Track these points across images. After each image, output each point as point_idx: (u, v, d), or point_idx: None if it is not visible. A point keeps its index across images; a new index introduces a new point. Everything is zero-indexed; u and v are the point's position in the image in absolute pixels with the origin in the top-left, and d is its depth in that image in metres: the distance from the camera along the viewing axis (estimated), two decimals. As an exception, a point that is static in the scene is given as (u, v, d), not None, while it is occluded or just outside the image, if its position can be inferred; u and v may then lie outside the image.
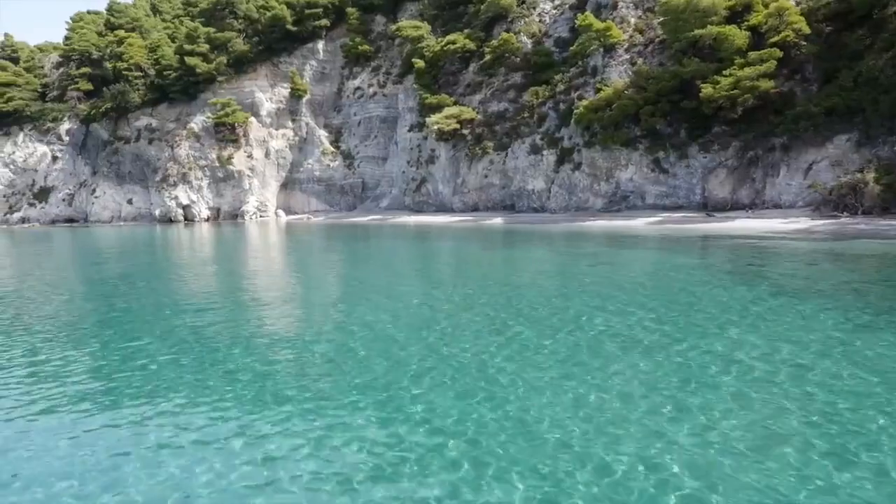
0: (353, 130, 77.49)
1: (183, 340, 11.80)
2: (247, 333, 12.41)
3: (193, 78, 79.49)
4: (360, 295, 17.30)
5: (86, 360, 10.88)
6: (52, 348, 11.78)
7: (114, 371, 10.19)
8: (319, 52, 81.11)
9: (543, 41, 59.91)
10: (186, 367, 10.20)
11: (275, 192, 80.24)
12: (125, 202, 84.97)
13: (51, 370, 10.36)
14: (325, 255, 31.12)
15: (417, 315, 14.08)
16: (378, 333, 12.10)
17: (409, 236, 40.34)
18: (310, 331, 12.86)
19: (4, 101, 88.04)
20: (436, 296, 16.56)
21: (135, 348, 11.42)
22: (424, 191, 63.68)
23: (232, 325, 13.36)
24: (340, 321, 13.69)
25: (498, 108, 58.38)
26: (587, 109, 45.41)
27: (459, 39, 63.28)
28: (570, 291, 16.57)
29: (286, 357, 10.73)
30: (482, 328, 12.20)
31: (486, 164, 56.66)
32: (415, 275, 22.12)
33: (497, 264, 24.29)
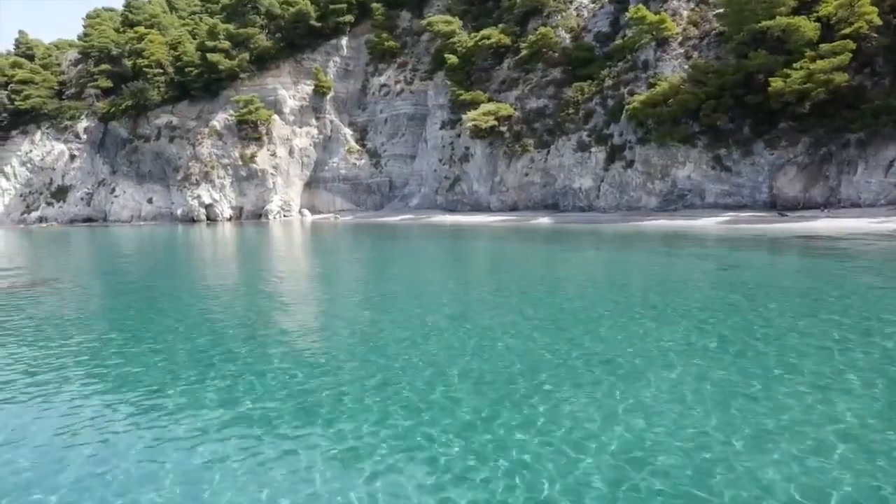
0: (379, 128, 74.82)
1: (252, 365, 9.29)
2: (328, 362, 9.86)
3: (215, 75, 76.79)
4: (455, 316, 14.55)
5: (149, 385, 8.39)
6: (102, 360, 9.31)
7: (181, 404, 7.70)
8: (343, 49, 78.43)
9: (583, 36, 57.37)
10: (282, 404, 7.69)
11: (299, 192, 77.59)
12: (145, 201, 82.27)
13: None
14: (371, 259, 28.42)
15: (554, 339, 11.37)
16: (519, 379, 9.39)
17: (454, 236, 37.73)
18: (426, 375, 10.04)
19: (22, 99, 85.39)
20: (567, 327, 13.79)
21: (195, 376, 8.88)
22: (458, 189, 61.08)
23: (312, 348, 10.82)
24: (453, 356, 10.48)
25: (537, 105, 55.81)
26: (643, 104, 42.83)
27: (494, 34, 60.68)
28: (769, 312, 13.77)
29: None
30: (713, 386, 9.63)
31: (525, 162, 54.09)
32: (501, 283, 19.28)
33: (601, 271, 21.61)
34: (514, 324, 12.10)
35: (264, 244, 40.27)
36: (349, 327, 12.61)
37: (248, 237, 47.85)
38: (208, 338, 11.80)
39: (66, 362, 10.23)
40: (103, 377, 9.48)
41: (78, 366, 10.08)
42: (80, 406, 8.19)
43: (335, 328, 12.80)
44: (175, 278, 22.69)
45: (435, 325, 12.24)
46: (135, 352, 10.86)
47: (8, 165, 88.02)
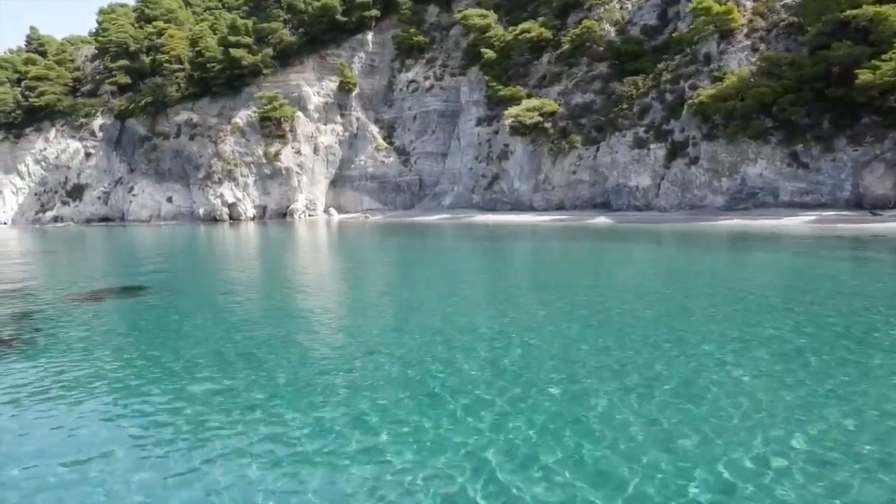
0: (407, 125, 71.78)
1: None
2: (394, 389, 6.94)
3: (238, 70, 73.50)
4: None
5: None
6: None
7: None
8: (368, 45, 75.31)
9: (628, 29, 54.56)
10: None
11: (324, 190, 74.47)
12: (164, 200, 78.90)
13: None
14: (430, 263, 25.39)
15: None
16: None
17: (508, 237, 34.72)
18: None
19: (36, 96, 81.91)
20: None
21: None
22: (497, 188, 58.17)
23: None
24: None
25: (583, 100, 52.97)
26: (711, 98, 40.02)
27: (534, 28, 57.76)
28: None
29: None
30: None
31: (573, 160, 51.24)
32: (603, 294, 16.25)
33: (741, 276, 18.49)
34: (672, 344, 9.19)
35: (307, 247, 37.17)
36: (467, 343, 9.72)
37: (284, 238, 44.74)
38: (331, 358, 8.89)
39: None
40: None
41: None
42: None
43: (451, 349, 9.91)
44: (250, 289, 19.69)
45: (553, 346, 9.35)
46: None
47: (22, 164, 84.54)
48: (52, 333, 12.36)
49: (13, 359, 10.60)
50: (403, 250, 31.73)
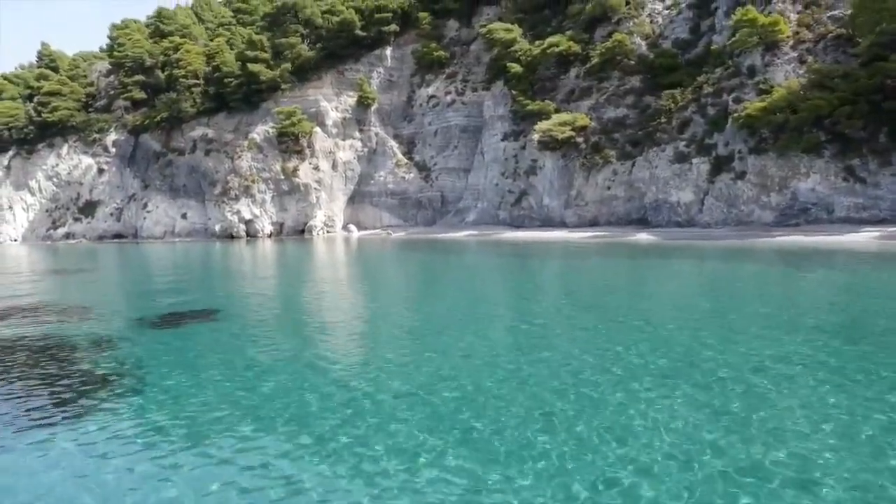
0: (428, 141, 70.17)
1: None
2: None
3: (256, 86, 72.01)
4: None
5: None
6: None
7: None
8: (387, 59, 73.95)
9: (660, 43, 53.25)
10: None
11: (342, 206, 72.64)
12: (179, 217, 76.98)
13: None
14: (471, 282, 23.47)
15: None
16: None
17: (545, 254, 32.82)
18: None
19: (49, 112, 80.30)
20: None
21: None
22: (525, 204, 56.44)
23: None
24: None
25: (615, 115, 51.46)
26: (760, 111, 38.45)
27: (562, 42, 56.37)
28: None
29: None
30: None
31: (607, 175, 49.59)
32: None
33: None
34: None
35: (347, 266, 35.20)
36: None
37: (312, 256, 42.76)
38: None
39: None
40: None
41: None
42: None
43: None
44: (321, 310, 17.71)
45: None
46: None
47: (33, 180, 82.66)
48: (155, 366, 10.41)
49: (131, 398, 8.71)
50: (441, 269, 29.80)
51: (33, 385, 9.85)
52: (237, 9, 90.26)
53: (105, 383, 9.81)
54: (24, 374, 10.47)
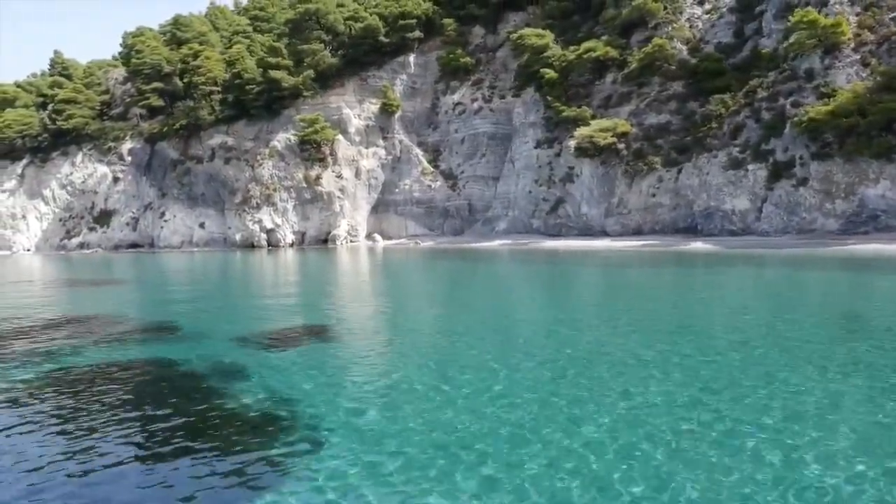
0: (454, 148, 68.12)
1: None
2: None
3: (277, 93, 69.94)
4: None
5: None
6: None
7: None
8: (410, 66, 72.06)
9: (701, 47, 51.44)
10: None
11: (365, 216, 70.39)
12: (197, 226, 74.59)
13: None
14: (534, 296, 21.23)
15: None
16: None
17: (596, 265, 30.65)
18: None
19: (64, 119, 77.96)
20: None
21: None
22: (562, 212, 54.33)
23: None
24: None
25: (658, 121, 49.53)
26: (826, 115, 36.47)
27: (599, 47, 54.52)
28: None
29: None
30: None
31: (652, 182, 47.57)
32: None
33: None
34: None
35: (398, 277, 32.93)
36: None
37: (351, 266, 40.50)
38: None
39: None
40: None
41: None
42: None
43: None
44: (428, 322, 15.43)
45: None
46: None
47: (47, 189, 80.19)
48: (314, 400, 8.12)
49: (323, 453, 6.44)
50: (503, 281, 27.57)
51: (188, 430, 7.59)
52: (254, 16, 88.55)
53: (270, 426, 7.56)
54: (167, 416, 8.19)
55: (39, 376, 10.44)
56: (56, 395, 9.44)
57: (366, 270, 37.09)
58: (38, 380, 10.23)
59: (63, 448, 7.14)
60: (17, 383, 10.04)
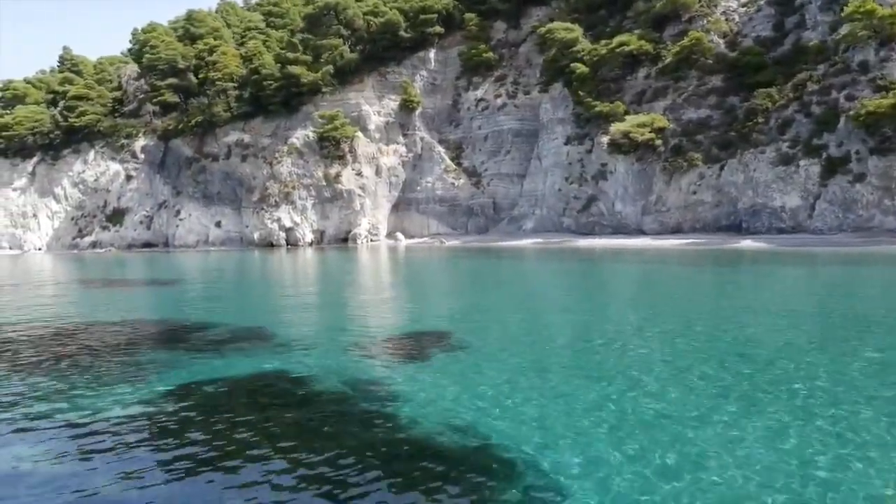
0: (477, 146, 66.30)
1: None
2: None
3: (296, 89, 68.01)
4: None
5: None
6: None
7: None
8: (430, 62, 70.21)
9: (739, 41, 49.77)
10: None
11: (386, 214, 68.53)
12: (213, 225, 72.60)
13: None
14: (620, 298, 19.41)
15: None
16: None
17: (644, 264, 28.95)
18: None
19: (76, 116, 75.89)
20: None
21: None
22: (595, 210, 52.58)
23: None
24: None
25: (696, 116, 47.84)
26: (888, 108, 34.83)
27: (632, 41, 52.78)
28: None
29: None
30: None
31: (693, 179, 45.87)
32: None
33: None
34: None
35: (443, 276, 31.12)
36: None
37: (386, 265, 38.69)
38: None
39: None
40: None
41: None
42: None
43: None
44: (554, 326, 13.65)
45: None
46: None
47: (58, 187, 78.11)
48: (498, 426, 6.33)
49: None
50: (559, 281, 25.79)
51: (381, 471, 5.81)
52: (268, 12, 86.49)
53: (478, 464, 5.82)
54: (349, 451, 6.39)
55: (163, 401, 8.62)
56: (204, 426, 7.64)
57: (417, 269, 35.25)
58: (167, 405, 8.42)
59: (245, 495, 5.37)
60: (150, 408, 8.23)
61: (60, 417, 7.96)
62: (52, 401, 8.76)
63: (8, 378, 10.07)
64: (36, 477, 6.06)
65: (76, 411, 8.18)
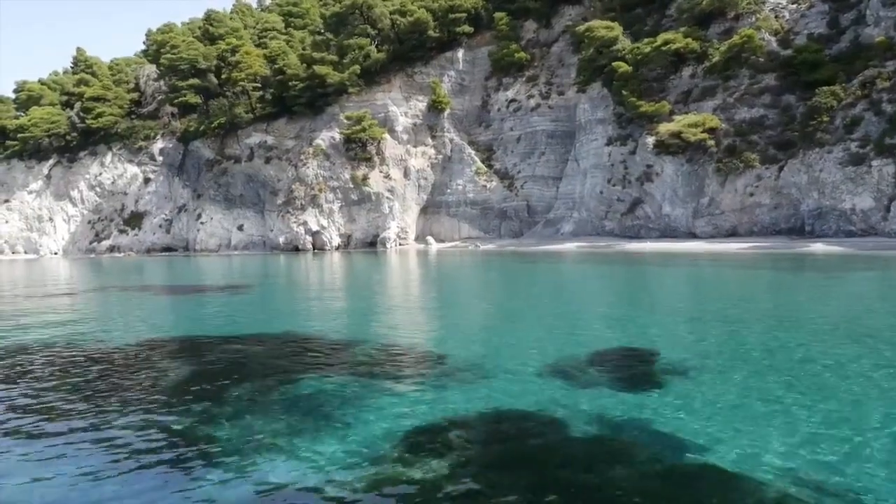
0: (509, 147, 64.15)
1: None
2: None
3: (321, 90, 65.74)
4: None
5: None
6: None
7: None
8: (459, 62, 68.07)
9: (791, 38, 47.79)
10: None
11: (415, 217, 66.24)
12: (235, 228, 70.24)
13: None
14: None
15: None
16: None
17: (733, 268, 26.72)
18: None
19: (93, 118, 73.48)
20: None
21: None
22: (641, 213, 50.45)
23: None
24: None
25: (750, 115, 45.77)
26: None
27: (678, 39, 50.71)
28: None
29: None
30: None
31: (749, 180, 43.78)
32: None
33: None
34: None
35: (501, 282, 28.79)
36: None
37: (441, 269, 36.35)
38: None
39: None
40: None
41: None
42: None
43: None
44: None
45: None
46: None
47: (75, 189, 75.67)
48: None
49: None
50: (645, 286, 23.53)
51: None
52: (287, 13, 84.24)
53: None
54: None
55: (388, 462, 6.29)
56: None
57: (500, 274, 32.91)
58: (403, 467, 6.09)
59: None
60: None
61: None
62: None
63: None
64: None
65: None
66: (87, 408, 8.53)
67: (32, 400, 9.04)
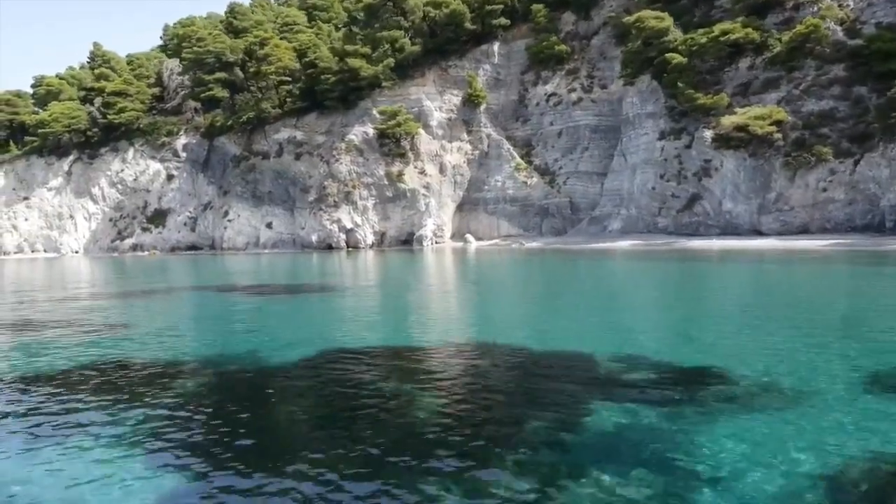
0: (549, 143, 61.69)
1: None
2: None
3: (354, 83, 63.10)
4: None
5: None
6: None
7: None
8: (494, 56, 65.55)
9: (858, 28, 45.53)
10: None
11: (450, 214, 63.74)
12: (263, 226, 67.60)
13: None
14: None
15: None
16: None
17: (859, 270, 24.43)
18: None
19: (115, 113, 70.69)
20: None
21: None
22: (699, 210, 48.09)
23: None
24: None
25: (819, 108, 43.46)
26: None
27: (736, 29, 48.35)
28: None
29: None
30: None
31: (822, 175, 41.49)
32: None
33: None
34: None
35: (579, 284, 26.33)
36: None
37: (514, 269, 33.91)
38: None
39: None
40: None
41: None
42: None
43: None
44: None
45: None
46: None
47: (96, 186, 72.88)
48: None
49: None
50: (766, 289, 21.14)
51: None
52: (312, 6, 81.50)
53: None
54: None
55: None
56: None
57: (583, 276, 30.46)
58: None
59: None
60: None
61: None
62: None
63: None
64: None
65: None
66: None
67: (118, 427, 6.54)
